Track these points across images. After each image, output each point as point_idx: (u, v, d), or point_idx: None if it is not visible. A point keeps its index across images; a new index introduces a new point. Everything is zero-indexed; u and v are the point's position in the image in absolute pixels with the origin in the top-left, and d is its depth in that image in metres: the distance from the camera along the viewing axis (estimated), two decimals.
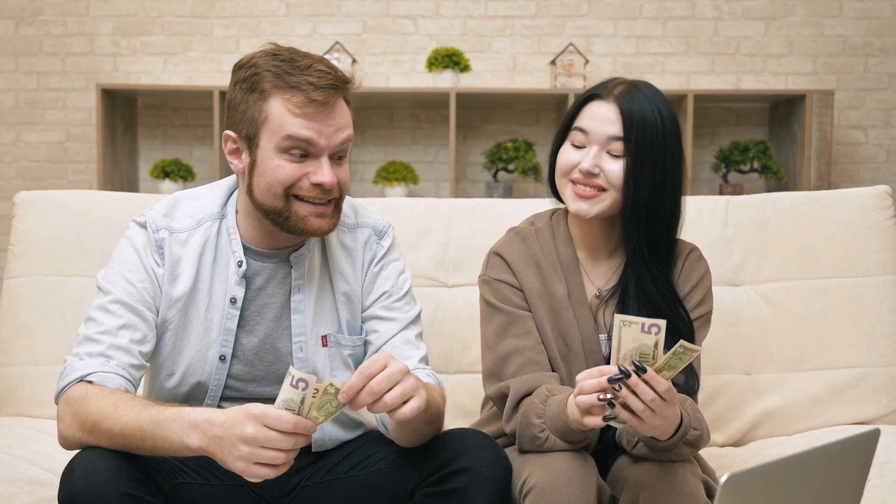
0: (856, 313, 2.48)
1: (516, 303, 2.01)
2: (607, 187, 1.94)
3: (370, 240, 2.00)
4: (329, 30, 4.96)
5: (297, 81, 1.76)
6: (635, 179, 1.92)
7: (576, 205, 1.96)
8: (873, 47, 4.97)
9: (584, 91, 2.02)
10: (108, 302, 1.83)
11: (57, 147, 5.01)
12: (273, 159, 1.79)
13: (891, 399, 2.45)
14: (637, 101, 1.93)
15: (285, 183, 1.79)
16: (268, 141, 1.79)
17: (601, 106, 1.95)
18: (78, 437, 1.68)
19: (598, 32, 4.98)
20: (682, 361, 1.60)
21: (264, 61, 1.79)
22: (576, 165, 1.95)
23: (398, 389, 1.58)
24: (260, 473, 1.52)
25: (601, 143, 1.93)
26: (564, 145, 2.00)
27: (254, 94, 1.78)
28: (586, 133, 1.95)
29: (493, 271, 2.05)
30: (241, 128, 1.81)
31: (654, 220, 1.95)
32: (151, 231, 1.88)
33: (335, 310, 1.96)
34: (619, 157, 1.93)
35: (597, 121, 1.94)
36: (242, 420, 1.51)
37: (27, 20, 4.95)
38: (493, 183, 4.82)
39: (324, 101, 1.76)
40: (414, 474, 1.80)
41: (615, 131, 1.92)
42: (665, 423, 1.69)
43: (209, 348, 1.89)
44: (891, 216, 2.54)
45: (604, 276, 2.05)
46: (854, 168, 5.02)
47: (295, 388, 1.47)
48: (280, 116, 1.77)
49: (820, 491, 1.28)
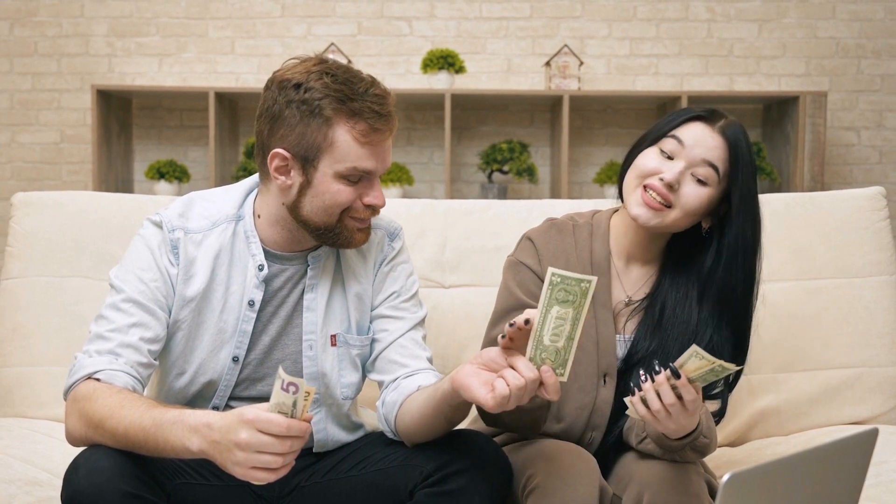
0: (851, 314, 2.49)
1: (532, 291, 1.99)
2: (675, 206, 1.91)
3: (382, 241, 2.02)
4: (324, 31, 4.97)
5: (359, 108, 1.78)
6: (742, 218, 1.92)
7: (638, 209, 1.93)
8: (866, 49, 4.99)
9: (683, 109, 1.98)
10: (121, 300, 1.83)
11: (52, 148, 5.01)
12: (332, 184, 1.82)
13: (886, 399, 2.46)
14: (741, 138, 1.91)
15: (344, 206, 1.83)
16: (328, 166, 1.81)
17: (706, 130, 1.92)
18: (83, 433, 1.68)
19: (592, 34, 5.00)
20: (717, 377, 1.63)
21: (321, 84, 1.78)
22: (656, 173, 1.91)
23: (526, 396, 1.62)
24: (258, 477, 1.52)
25: (691, 163, 1.90)
26: (651, 149, 1.95)
27: (315, 119, 1.78)
28: (682, 146, 1.91)
29: (521, 254, 2.05)
30: (298, 149, 1.81)
31: (750, 258, 1.94)
32: (167, 231, 1.89)
33: (346, 309, 1.97)
34: (703, 183, 1.91)
35: (697, 141, 1.91)
36: (236, 426, 1.51)
37: (22, 21, 4.95)
38: (488, 184, 4.82)
39: (384, 129, 1.81)
40: (414, 474, 1.80)
41: (713, 158, 1.90)
42: (678, 427, 1.70)
43: (222, 349, 1.90)
44: (885, 217, 2.56)
45: (634, 283, 2.04)
46: (847, 169, 5.04)
47: (286, 391, 1.47)
48: (346, 145, 1.79)
49: (820, 490, 1.29)
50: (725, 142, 1.91)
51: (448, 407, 1.72)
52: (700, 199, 1.90)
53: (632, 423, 1.90)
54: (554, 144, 4.93)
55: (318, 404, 1.94)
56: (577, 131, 4.99)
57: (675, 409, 1.64)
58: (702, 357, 1.59)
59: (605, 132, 5.06)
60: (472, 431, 1.87)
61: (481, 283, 2.50)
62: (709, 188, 1.91)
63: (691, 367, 1.62)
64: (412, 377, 1.90)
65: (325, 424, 1.96)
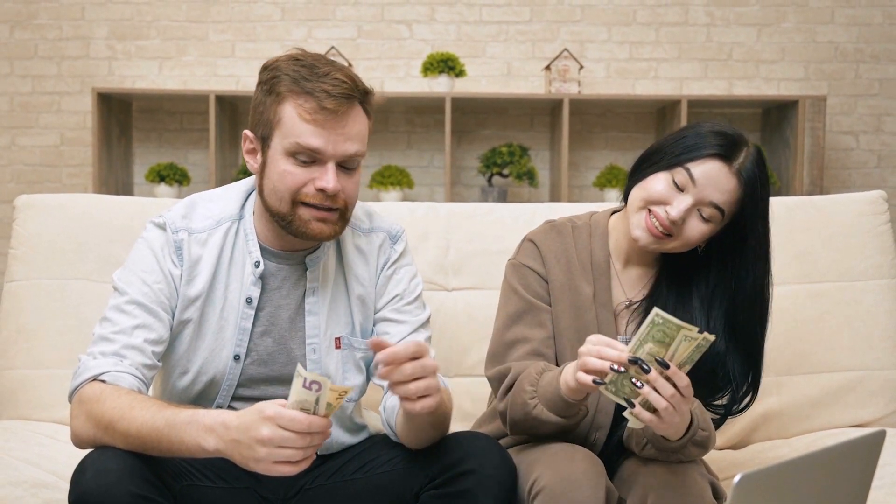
0: (852, 317, 2.50)
1: (538, 292, 2.01)
2: (677, 237, 1.91)
3: (385, 243, 2.02)
4: (324, 34, 4.97)
5: (311, 88, 1.77)
6: (747, 266, 1.93)
7: (640, 232, 1.93)
8: (864, 53, 5.00)
9: (706, 134, 1.91)
10: (124, 302, 1.84)
11: (52, 151, 5.01)
12: (281, 162, 1.81)
13: (888, 402, 2.47)
14: (756, 178, 1.89)
15: (291, 188, 1.81)
16: (278, 143, 1.81)
17: (722, 171, 1.88)
18: (92, 435, 1.69)
19: (592, 38, 5.00)
20: (702, 352, 1.64)
21: (286, 65, 1.81)
22: (664, 203, 1.90)
23: (423, 383, 1.62)
24: (281, 471, 1.53)
25: (699, 201, 1.89)
26: (663, 175, 1.92)
27: (271, 96, 1.81)
28: (694, 184, 1.88)
29: (523, 257, 2.06)
30: (258, 128, 1.84)
31: (758, 307, 1.96)
32: (171, 232, 1.89)
33: (349, 312, 1.97)
34: (707, 220, 1.90)
35: (710, 181, 1.88)
36: (257, 423, 1.52)
37: (22, 24, 4.95)
38: (488, 187, 4.83)
39: (334, 109, 1.77)
40: (419, 477, 1.81)
41: (721, 201, 1.88)
42: (681, 421, 1.70)
43: (223, 347, 1.90)
44: (886, 221, 2.56)
45: (634, 284, 2.05)
46: (846, 173, 5.05)
47: (308, 389, 1.49)
48: (291, 121, 1.79)
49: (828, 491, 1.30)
50: (739, 186, 1.88)
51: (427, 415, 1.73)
52: (702, 233, 1.91)
53: (630, 431, 1.90)
54: (554, 148, 4.94)
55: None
56: (577, 135, 5.00)
57: (676, 400, 1.64)
58: (665, 321, 1.60)
59: (604, 136, 5.07)
60: (477, 434, 1.87)
61: (484, 285, 2.51)
62: (713, 224, 1.91)
63: (677, 352, 1.63)
64: None
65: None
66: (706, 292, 1.96)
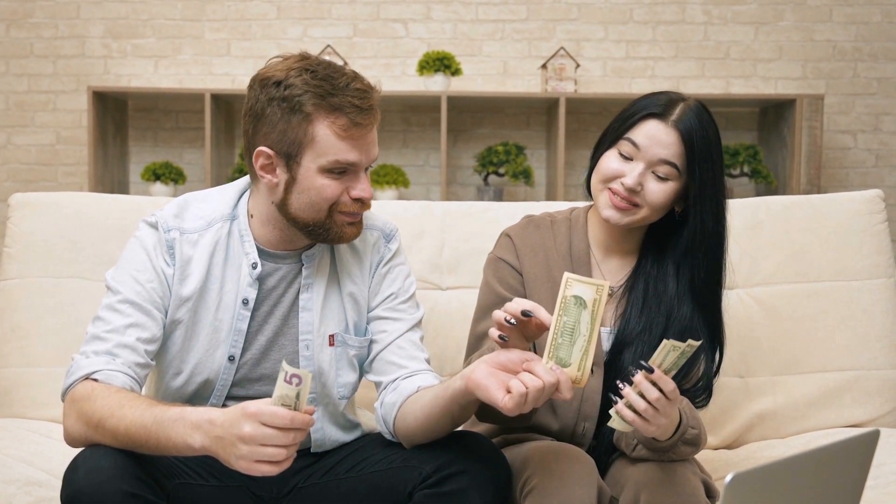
0: (849, 316, 2.49)
1: (512, 285, 2.04)
2: (643, 204, 1.95)
3: (378, 242, 2.02)
4: (320, 33, 4.97)
5: (339, 103, 1.78)
6: (700, 209, 1.94)
7: (608, 212, 1.97)
8: (862, 52, 5.00)
9: (642, 101, 1.98)
10: (117, 301, 1.84)
11: (47, 149, 5.00)
12: (317, 179, 1.82)
13: (884, 402, 2.46)
14: (696, 130, 1.92)
15: (330, 200, 1.83)
16: (311, 161, 1.81)
17: (659, 127, 1.93)
18: (83, 434, 1.69)
19: (588, 36, 5.00)
20: (686, 358, 1.65)
21: (300, 80, 1.79)
22: (618, 176, 1.95)
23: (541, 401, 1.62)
24: (262, 470, 1.53)
25: (649, 163, 1.93)
26: (611, 152, 1.98)
27: (296, 115, 1.79)
28: (638, 148, 1.93)
29: (498, 250, 2.10)
30: (281, 146, 1.82)
31: (714, 247, 1.97)
32: (163, 231, 1.89)
33: (342, 310, 1.97)
34: (664, 179, 1.93)
35: (652, 140, 1.93)
36: (239, 420, 1.52)
37: (18, 22, 4.94)
38: (484, 186, 4.83)
39: (366, 123, 1.80)
40: (413, 476, 1.80)
41: (668, 156, 1.92)
42: (668, 423, 1.71)
43: (217, 348, 1.90)
44: (883, 220, 2.56)
45: (614, 274, 2.06)
46: (843, 173, 5.05)
47: (289, 383, 1.48)
48: (326, 139, 1.79)
49: (821, 491, 1.30)
50: (679, 137, 1.92)
51: (457, 406, 1.73)
52: (665, 194, 1.94)
53: (619, 434, 1.91)
54: (550, 147, 4.93)
55: (314, 403, 1.95)
56: (574, 134, 4.99)
57: (662, 403, 1.66)
58: (675, 347, 1.62)
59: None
60: (471, 433, 1.87)
61: (479, 285, 2.50)
62: (672, 182, 1.94)
63: (661, 360, 1.64)
64: (411, 378, 1.91)
65: (321, 423, 1.97)
66: (679, 255, 1.99)
